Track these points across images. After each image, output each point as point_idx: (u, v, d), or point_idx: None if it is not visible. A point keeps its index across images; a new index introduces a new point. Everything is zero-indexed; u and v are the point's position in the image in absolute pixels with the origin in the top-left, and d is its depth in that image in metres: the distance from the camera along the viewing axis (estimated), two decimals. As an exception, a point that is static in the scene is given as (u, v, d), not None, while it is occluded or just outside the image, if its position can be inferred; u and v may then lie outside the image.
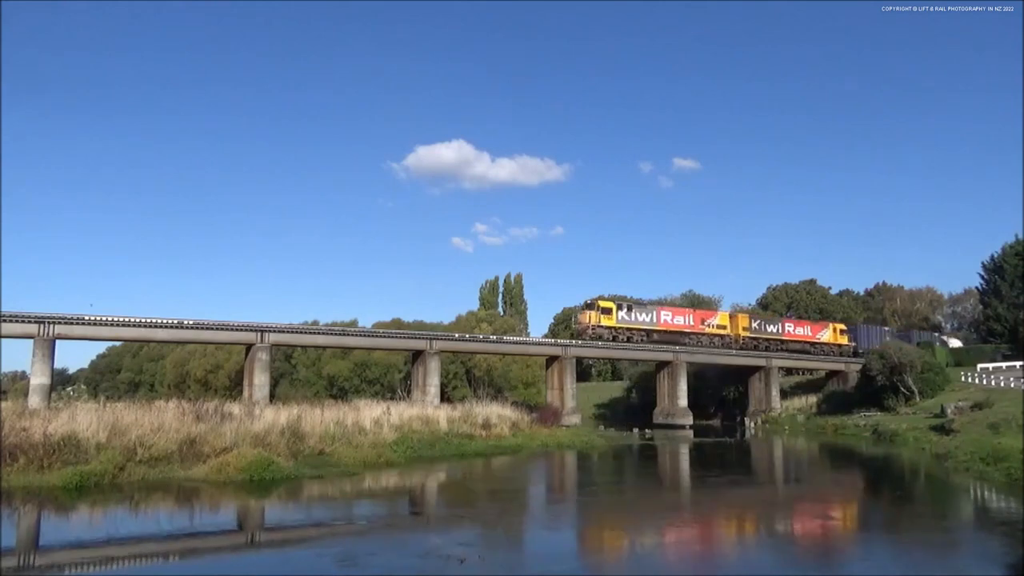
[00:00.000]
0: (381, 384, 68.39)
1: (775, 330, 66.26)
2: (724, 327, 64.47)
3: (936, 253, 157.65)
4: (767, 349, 63.86)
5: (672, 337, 59.22)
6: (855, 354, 65.86)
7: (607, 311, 56.43)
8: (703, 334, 61.04)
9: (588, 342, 56.95)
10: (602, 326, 55.47)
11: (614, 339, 56.73)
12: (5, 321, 37.25)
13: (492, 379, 67.42)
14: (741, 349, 62.91)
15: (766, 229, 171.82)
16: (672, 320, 59.84)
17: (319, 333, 46.08)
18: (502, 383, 67.35)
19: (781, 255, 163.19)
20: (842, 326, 70.60)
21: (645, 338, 57.75)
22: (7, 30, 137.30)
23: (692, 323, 61.14)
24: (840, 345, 68.51)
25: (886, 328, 75.62)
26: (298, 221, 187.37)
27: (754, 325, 64.47)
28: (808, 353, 69.42)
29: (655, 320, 58.72)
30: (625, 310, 58.15)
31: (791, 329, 66.97)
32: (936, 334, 79.06)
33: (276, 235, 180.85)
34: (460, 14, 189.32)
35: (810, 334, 67.83)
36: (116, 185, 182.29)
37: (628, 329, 56.84)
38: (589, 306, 58.36)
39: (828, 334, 68.50)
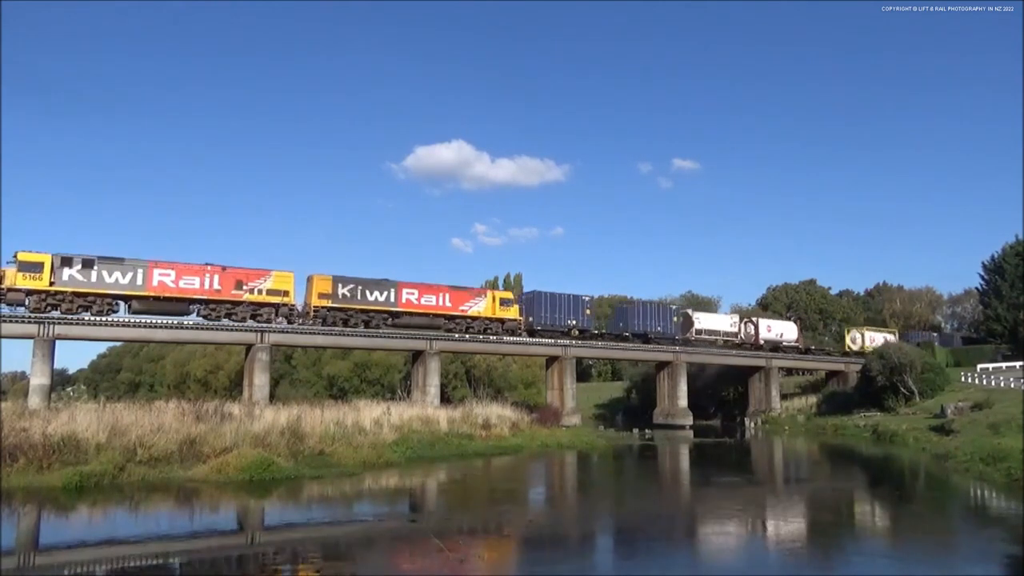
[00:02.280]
0: (381, 384, 68.41)
1: (383, 298, 47.53)
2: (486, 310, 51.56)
3: (936, 253, 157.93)
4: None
5: (424, 321, 48.83)
6: (531, 332, 52.94)
7: (325, 294, 45.43)
8: (464, 317, 50.08)
9: (588, 342, 56.89)
10: (321, 307, 45.20)
11: (345, 323, 46.10)
12: (5, 321, 37.19)
13: (492, 379, 67.42)
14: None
15: (766, 229, 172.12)
16: (419, 300, 48.45)
17: (319, 333, 45.98)
18: (502, 383, 67.33)
19: (781, 255, 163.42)
20: (507, 294, 55.18)
21: (389, 321, 47.58)
22: (7, 30, 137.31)
23: (449, 305, 49.51)
24: (504, 320, 51.26)
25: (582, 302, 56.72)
26: (298, 221, 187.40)
27: (343, 292, 46.13)
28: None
29: (394, 300, 47.58)
30: (351, 287, 46.48)
31: (411, 297, 48.52)
32: (935, 334, 79.17)
33: (276, 236, 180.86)
34: (460, 14, 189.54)
35: (445, 304, 49.61)
36: (116, 185, 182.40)
37: (358, 310, 46.31)
38: (310, 281, 46.67)
39: (483, 305, 50.96)
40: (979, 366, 57.59)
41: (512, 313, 51.88)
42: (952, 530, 16.82)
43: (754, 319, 68.33)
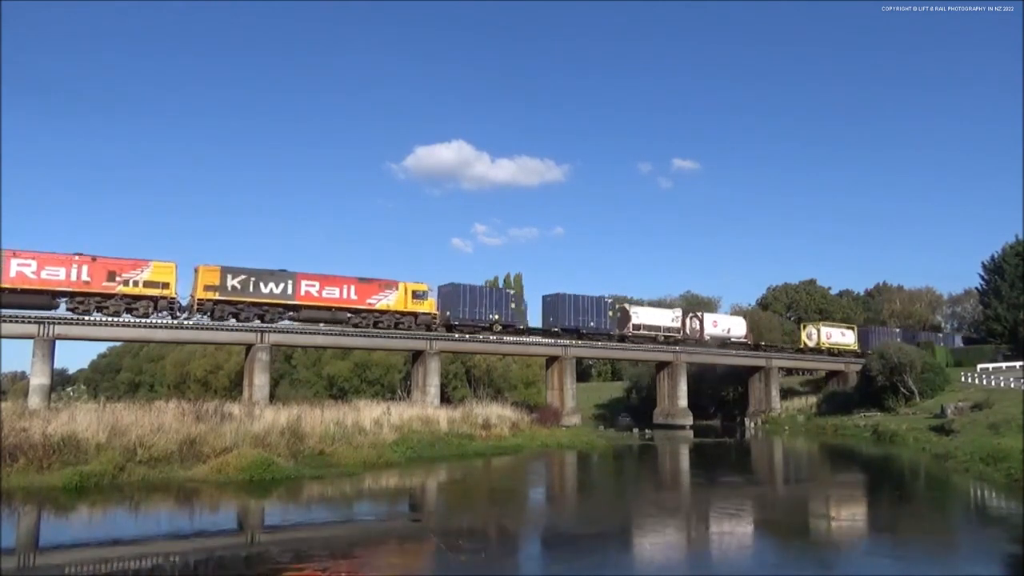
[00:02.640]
0: (381, 384, 68.42)
1: (279, 290, 43.86)
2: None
3: (936, 253, 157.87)
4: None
5: (325, 315, 45.58)
6: (448, 328, 50.06)
7: (211, 286, 41.93)
8: (372, 311, 47.00)
9: (588, 342, 56.89)
10: (207, 300, 41.82)
11: (235, 316, 42.96)
12: (5, 321, 37.17)
13: (492, 379, 67.42)
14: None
15: (766, 229, 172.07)
16: (320, 293, 45.07)
17: (319, 333, 45.99)
18: (502, 383, 67.33)
19: (781, 255, 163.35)
20: (422, 287, 49.33)
21: (286, 315, 44.61)
22: (7, 30, 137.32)
23: (354, 298, 46.29)
24: (417, 314, 48.29)
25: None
26: (298, 221, 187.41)
27: (232, 283, 42.49)
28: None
29: (292, 292, 44.06)
30: (242, 278, 42.84)
31: (311, 290, 44.97)
32: (938, 334, 79.17)
33: (275, 236, 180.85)
34: (460, 14, 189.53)
35: (350, 297, 46.34)
36: (116, 185, 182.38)
37: (250, 304, 42.94)
38: (196, 272, 42.86)
39: (394, 298, 47.57)
40: (979, 366, 57.59)
41: (427, 307, 48.79)
42: (952, 530, 16.82)
43: (699, 314, 65.21)
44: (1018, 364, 56.61)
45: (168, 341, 52.58)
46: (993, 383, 49.10)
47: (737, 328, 65.85)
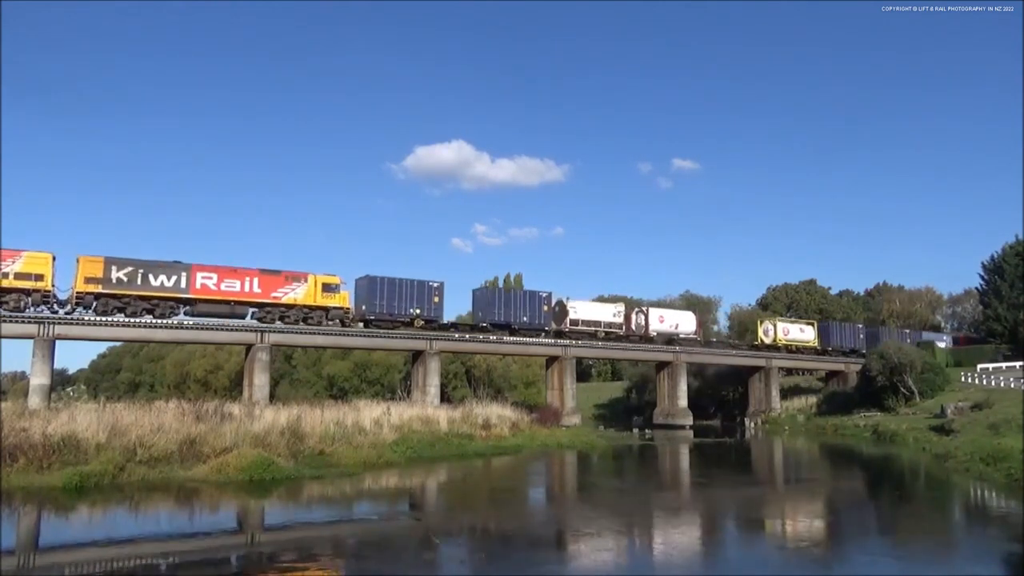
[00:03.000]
0: (381, 384, 68.46)
1: (171, 283, 41.16)
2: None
3: (936, 253, 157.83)
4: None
5: (223, 310, 42.68)
6: (366, 323, 47.63)
7: (93, 278, 39.19)
8: (278, 305, 44.14)
9: (588, 342, 56.91)
10: (88, 293, 39.07)
11: (121, 311, 40.16)
12: (5, 321, 37.18)
13: (492, 379, 67.46)
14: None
15: (766, 229, 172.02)
16: (218, 286, 42.01)
17: (319, 333, 46.00)
18: (502, 383, 67.37)
19: (781, 255, 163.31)
20: (334, 279, 46.30)
21: (179, 310, 42.02)
22: (7, 30, 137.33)
23: (258, 291, 43.29)
24: (328, 308, 45.60)
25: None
26: (298, 221, 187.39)
27: (118, 276, 39.67)
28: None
29: (186, 285, 41.25)
30: (129, 270, 39.97)
31: (208, 282, 42.10)
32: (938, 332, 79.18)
33: (275, 236, 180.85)
34: (460, 14, 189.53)
35: (253, 290, 43.51)
36: (116, 186, 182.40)
37: (138, 297, 40.11)
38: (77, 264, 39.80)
39: (302, 291, 44.77)
40: (979, 366, 57.59)
41: (339, 300, 46.00)
42: (952, 530, 16.82)
43: (645, 308, 62.38)
44: (1018, 364, 56.60)
45: (168, 341, 52.60)
46: (993, 383, 49.09)
47: (686, 324, 62.74)
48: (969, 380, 52.66)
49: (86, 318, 39.09)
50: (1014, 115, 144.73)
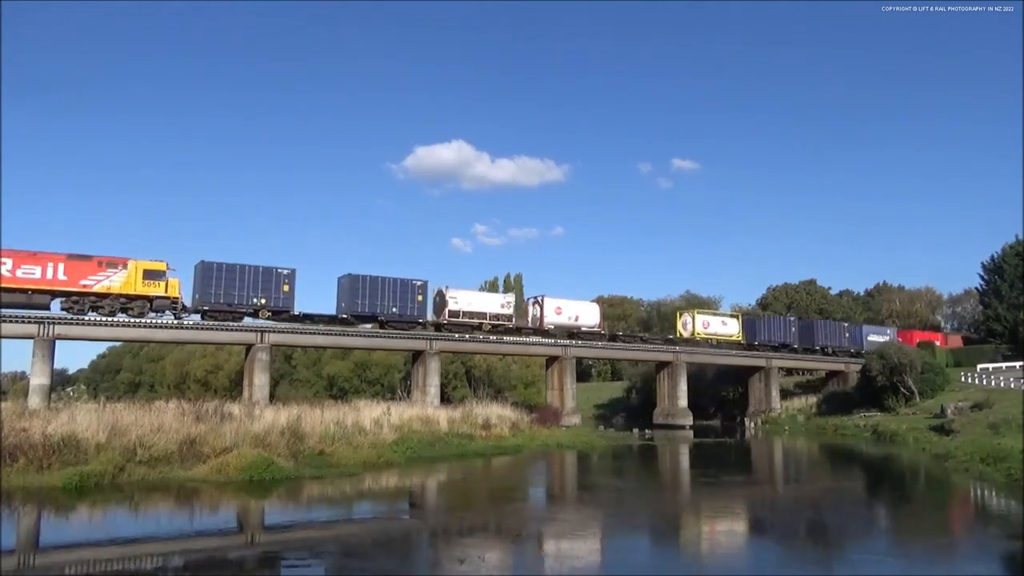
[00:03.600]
0: (381, 384, 68.42)
1: None
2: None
3: (936, 253, 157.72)
4: None
5: (19, 299, 37.76)
6: (202, 314, 42.81)
7: None
8: (88, 293, 39.45)
9: (588, 342, 56.90)
10: None
11: None
12: (5, 321, 37.18)
13: (492, 379, 67.46)
14: None
15: (766, 229, 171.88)
16: (13, 272, 37.01)
17: (319, 333, 46.02)
18: (502, 383, 67.38)
19: (781, 255, 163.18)
20: (159, 265, 41.27)
21: None
22: (7, 30, 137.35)
23: (63, 278, 38.64)
24: (151, 298, 40.75)
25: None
26: (298, 221, 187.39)
27: None
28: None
29: None
30: None
31: (3, 269, 36.88)
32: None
33: (274, 237, 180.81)
34: (460, 14, 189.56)
35: (57, 278, 38.55)
36: (115, 185, 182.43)
37: None
38: None
39: (120, 279, 40.04)
40: (979, 366, 57.61)
41: (162, 289, 41.06)
42: (952, 530, 16.82)
43: (540, 298, 54.89)
44: (1018, 364, 56.64)
45: (168, 341, 52.61)
46: (993, 383, 49.11)
47: (588, 316, 56.68)
48: (969, 380, 52.68)
49: (86, 318, 39.08)
50: (1014, 115, 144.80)
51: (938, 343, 70.50)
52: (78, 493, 17.99)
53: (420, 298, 48.87)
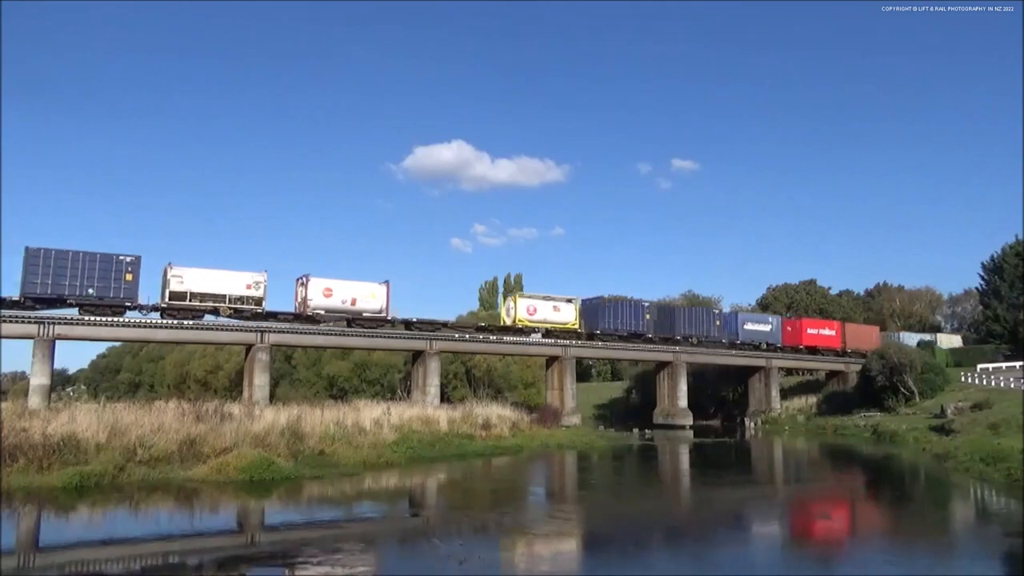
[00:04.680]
0: (381, 384, 68.41)
1: None
2: None
3: (936, 253, 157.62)
4: None
5: None
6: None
7: None
8: None
9: (588, 342, 56.86)
10: None
11: None
12: (5, 321, 37.20)
13: (492, 379, 67.44)
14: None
15: (766, 229, 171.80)
16: None
17: (319, 333, 46.03)
18: (502, 383, 67.36)
19: (781, 255, 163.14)
20: None
21: None
22: (7, 30, 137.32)
23: None
24: None
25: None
26: (296, 222, 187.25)
27: None
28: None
29: None
30: None
31: None
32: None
33: (274, 237, 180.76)
34: (459, 15, 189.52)
35: None
36: (115, 186, 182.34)
37: None
38: None
39: None
40: (979, 366, 57.60)
41: None
42: (952, 530, 16.82)
43: (305, 278, 46.62)
44: (1018, 364, 56.59)
45: (168, 341, 52.64)
46: (993, 383, 49.10)
47: (366, 300, 47.84)
48: (969, 380, 52.67)
49: (87, 318, 39.09)
50: (1014, 115, 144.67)
51: (833, 332, 68.20)
52: (78, 493, 17.98)
53: (130, 277, 40.99)
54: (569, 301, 56.23)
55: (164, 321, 41.56)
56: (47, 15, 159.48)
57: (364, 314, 47.98)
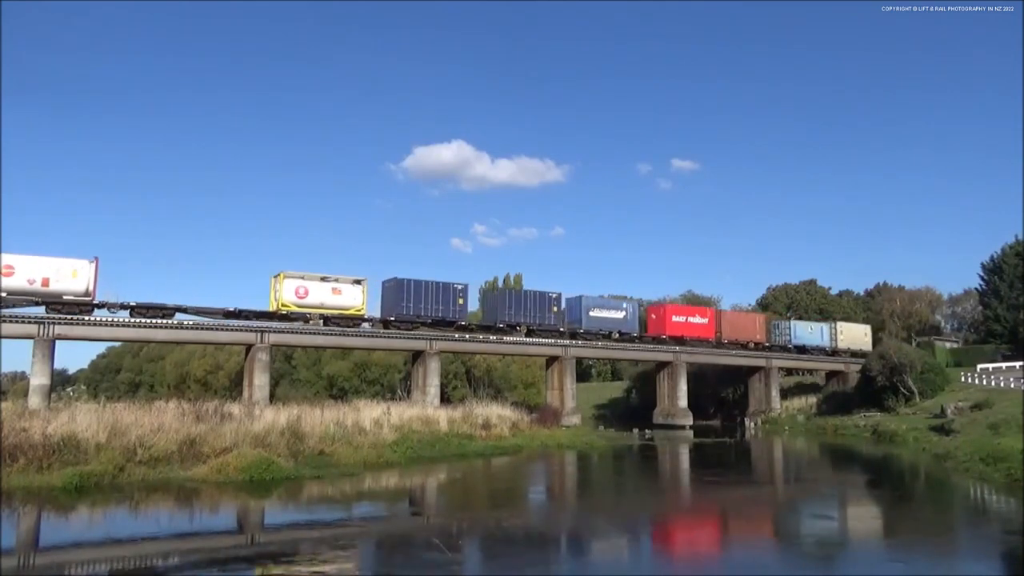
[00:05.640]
0: (381, 384, 68.39)
1: None
2: None
3: (936, 253, 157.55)
4: None
5: None
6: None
7: None
8: None
9: (588, 342, 56.88)
10: None
11: None
12: (5, 321, 37.18)
13: (492, 379, 67.39)
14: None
15: (766, 229, 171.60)
16: None
17: (319, 333, 46.01)
18: (502, 383, 67.31)
19: (781, 255, 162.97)
20: None
21: None
22: (7, 30, 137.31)
23: None
24: None
25: None
26: (296, 222, 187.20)
27: None
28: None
29: None
30: None
31: None
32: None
33: (274, 237, 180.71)
34: (459, 15, 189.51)
35: None
36: (114, 185, 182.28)
37: None
38: None
39: None
40: (979, 366, 57.58)
41: None
42: (952, 530, 16.82)
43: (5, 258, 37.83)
44: (1018, 364, 56.58)
45: (168, 341, 52.62)
46: (993, 383, 49.09)
47: (67, 280, 39.01)
48: (969, 380, 52.66)
49: (86, 318, 39.08)
50: (1014, 115, 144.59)
51: (706, 320, 63.21)
52: (78, 493, 17.99)
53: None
54: (357, 283, 47.61)
55: (164, 321, 41.58)
56: (46, 15, 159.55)
57: (64, 297, 39.22)
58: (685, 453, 38.69)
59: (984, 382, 50.36)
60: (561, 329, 54.84)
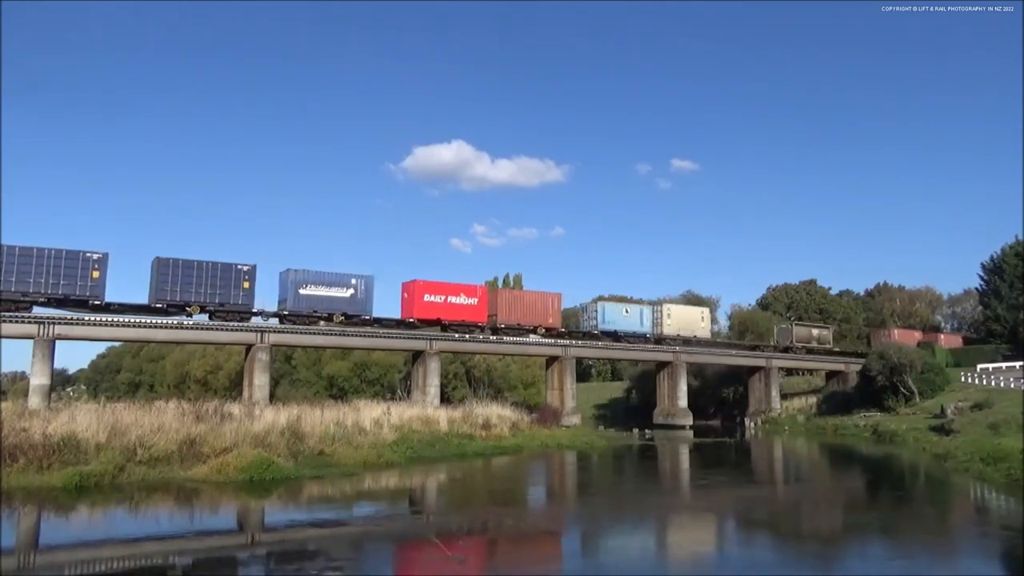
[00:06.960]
0: (381, 384, 68.40)
1: None
2: None
3: (936, 253, 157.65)
4: None
5: None
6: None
7: None
8: None
9: (588, 342, 56.88)
10: None
11: None
12: (5, 321, 37.17)
13: (492, 379, 67.39)
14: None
15: (766, 229, 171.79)
16: None
17: (319, 333, 46.00)
18: (502, 383, 67.31)
19: (781, 255, 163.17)
20: None
21: None
22: (7, 30, 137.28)
23: None
24: None
25: None
26: (296, 222, 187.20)
27: None
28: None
29: None
30: None
31: None
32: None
33: (273, 237, 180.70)
34: (459, 14, 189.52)
35: None
36: (114, 185, 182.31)
37: None
38: None
39: None
40: (979, 366, 57.60)
41: None
42: (952, 530, 16.82)
43: None
44: (1018, 364, 56.60)
45: (168, 341, 52.63)
46: (993, 383, 49.10)
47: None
48: (969, 380, 52.67)
49: (86, 318, 39.08)
50: (1014, 115, 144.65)
51: (474, 300, 51.17)
52: (78, 493, 17.98)
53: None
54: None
55: (164, 321, 41.58)
56: (47, 15, 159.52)
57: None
58: (685, 453, 38.69)
59: (984, 382, 50.38)
60: (255, 310, 43.78)
